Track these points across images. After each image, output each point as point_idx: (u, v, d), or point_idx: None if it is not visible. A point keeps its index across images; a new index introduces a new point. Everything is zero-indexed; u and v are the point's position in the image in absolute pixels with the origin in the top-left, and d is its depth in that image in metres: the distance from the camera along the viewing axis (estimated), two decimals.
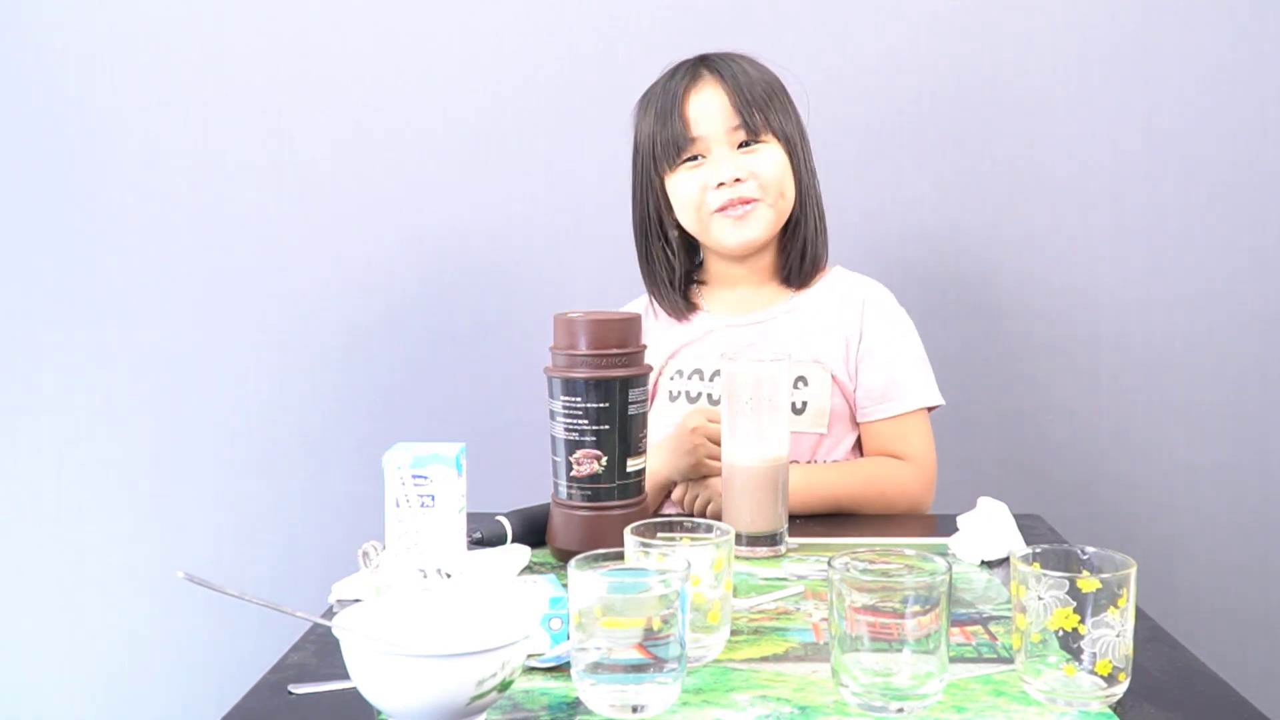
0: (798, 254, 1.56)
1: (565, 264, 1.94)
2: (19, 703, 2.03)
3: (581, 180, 1.94)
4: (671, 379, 1.56)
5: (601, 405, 1.22)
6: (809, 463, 1.53)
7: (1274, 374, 1.94)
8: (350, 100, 1.94)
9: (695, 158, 1.51)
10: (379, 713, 0.89)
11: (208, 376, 1.98)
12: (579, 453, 1.23)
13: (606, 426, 1.23)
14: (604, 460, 1.23)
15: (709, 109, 1.50)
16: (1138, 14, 1.89)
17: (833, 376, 1.52)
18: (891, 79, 1.90)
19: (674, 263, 1.59)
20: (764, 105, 1.50)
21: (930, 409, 1.57)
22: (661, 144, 1.51)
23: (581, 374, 1.22)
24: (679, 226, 1.57)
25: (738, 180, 1.49)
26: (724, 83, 1.50)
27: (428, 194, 1.95)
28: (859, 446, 1.57)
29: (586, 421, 1.23)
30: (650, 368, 1.29)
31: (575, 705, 0.90)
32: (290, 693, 0.94)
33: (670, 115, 1.50)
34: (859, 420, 1.55)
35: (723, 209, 1.50)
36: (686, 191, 1.51)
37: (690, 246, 1.62)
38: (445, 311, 1.96)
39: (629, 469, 1.25)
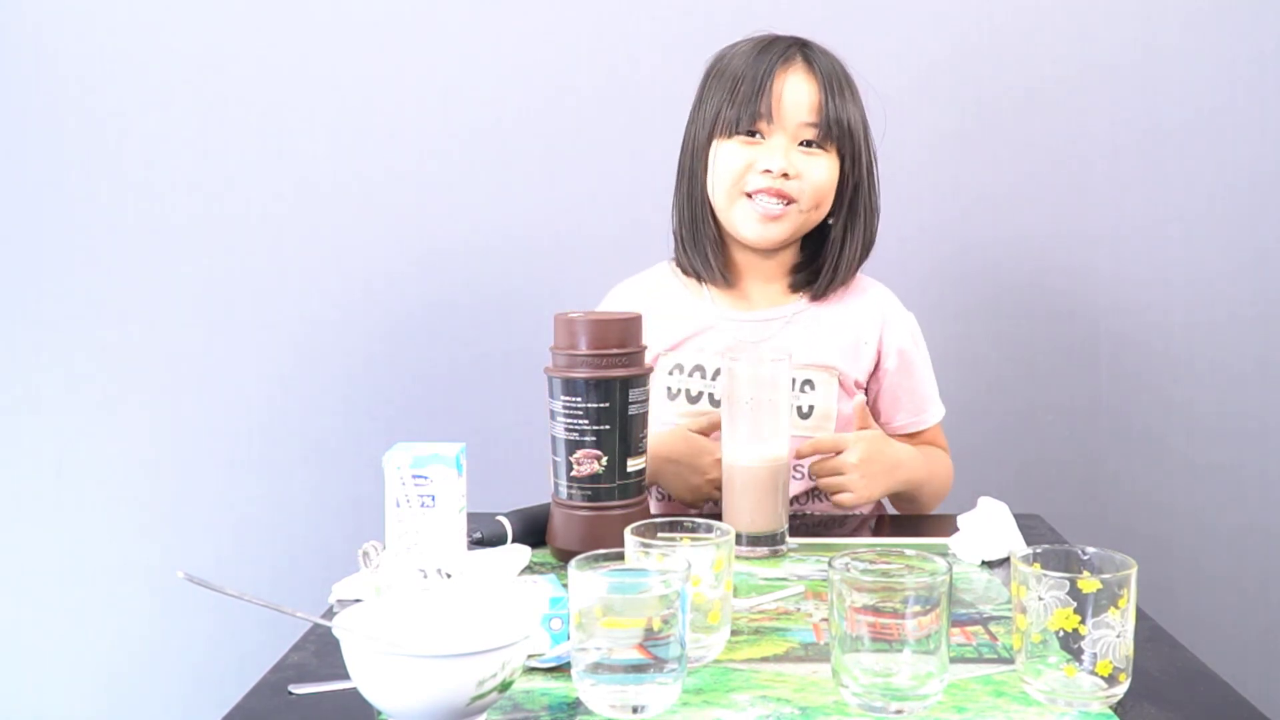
0: (830, 266, 1.53)
1: (565, 264, 1.94)
2: (19, 703, 2.03)
3: (582, 181, 1.94)
4: (671, 374, 1.53)
5: (602, 405, 1.22)
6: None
7: (1274, 374, 1.94)
8: (352, 102, 1.94)
9: (755, 134, 1.47)
10: (379, 713, 0.89)
11: (208, 377, 1.98)
12: (579, 453, 1.23)
13: (607, 426, 1.23)
14: (604, 460, 1.23)
15: (796, 94, 1.45)
16: (1138, 14, 1.90)
17: (840, 382, 1.51)
18: (891, 80, 1.90)
19: (703, 230, 1.54)
20: (842, 107, 1.47)
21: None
22: (735, 107, 1.46)
23: (582, 374, 1.22)
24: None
25: (785, 175, 1.45)
26: (818, 77, 1.46)
27: (428, 194, 1.95)
28: None
29: (587, 421, 1.23)
30: (651, 368, 1.29)
31: (575, 705, 0.90)
32: (290, 693, 0.94)
33: (756, 83, 1.45)
34: (890, 433, 1.54)
35: (757, 193, 1.46)
36: (731, 162, 1.47)
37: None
38: (445, 311, 1.96)
39: (629, 469, 1.25)
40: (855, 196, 1.52)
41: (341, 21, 1.93)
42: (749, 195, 1.47)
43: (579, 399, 1.22)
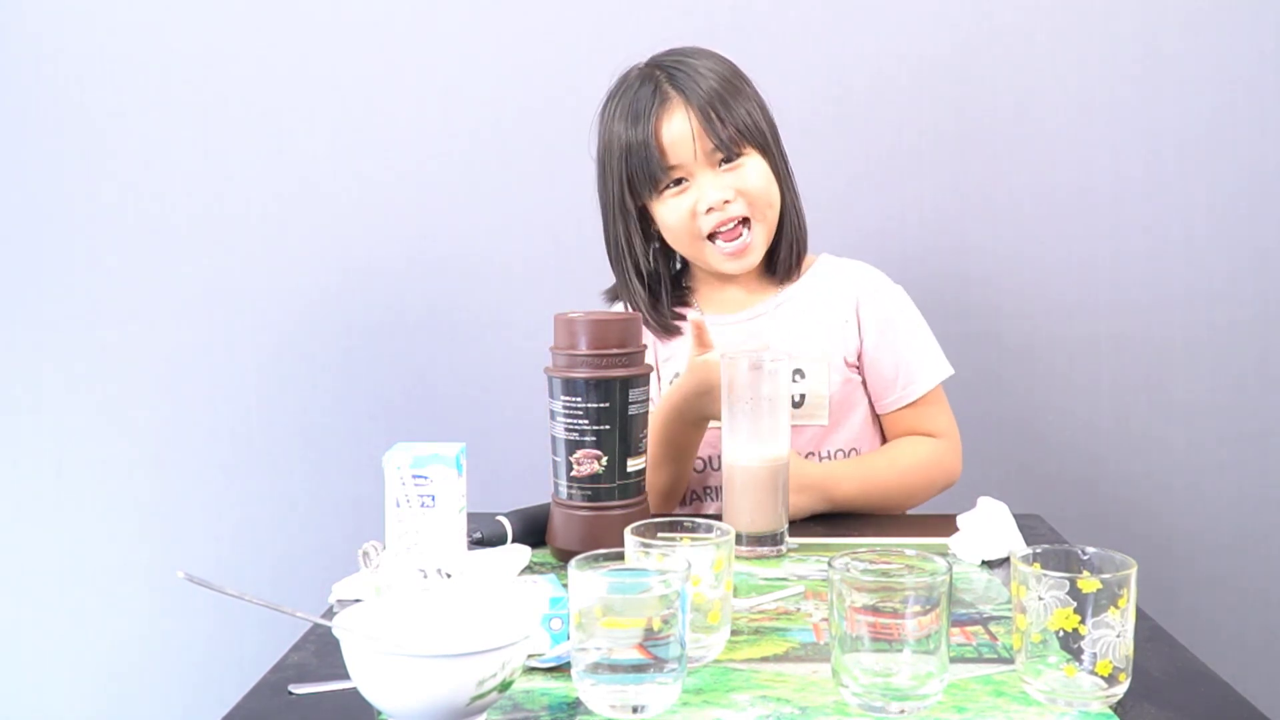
0: (785, 247, 1.54)
1: (565, 264, 1.94)
2: (19, 703, 2.03)
3: (581, 180, 1.93)
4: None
5: (602, 405, 1.22)
6: (830, 456, 1.53)
7: (1274, 374, 1.94)
8: (350, 101, 1.94)
9: (679, 181, 1.47)
10: (379, 713, 0.89)
11: (208, 376, 1.98)
12: (579, 453, 1.23)
13: (607, 426, 1.23)
14: (604, 460, 1.23)
15: (681, 134, 1.44)
16: (1138, 14, 1.90)
17: (829, 366, 1.52)
18: (888, 80, 1.90)
19: (655, 285, 1.55)
20: (732, 115, 1.45)
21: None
22: (640, 175, 1.47)
23: (582, 374, 1.22)
24: (661, 244, 1.55)
25: (726, 202, 1.46)
26: (689, 102, 1.44)
27: (428, 194, 1.95)
28: (877, 436, 1.57)
29: (587, 421, 1.23)
30: (651, 368, 1.29)
31: (575, 705, 0.90)
32: (290, 693, 0.94)
33: (644, 144, 1.45)
34: (879, 412, 1.55)
35: (715, 233, 1.47)
36: (676, 218, 1.48)
37: (669, 252, 1.58)
38: (445, 311, 1.96)
39: (629, 469, 1.25)
40: (782, 182, 1.51)
41: (341, 22, 1.93)
42: (710, 238, 1.48)
43: (579, 399, 1.22)
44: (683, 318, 1.56)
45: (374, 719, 0.89)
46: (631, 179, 1.48)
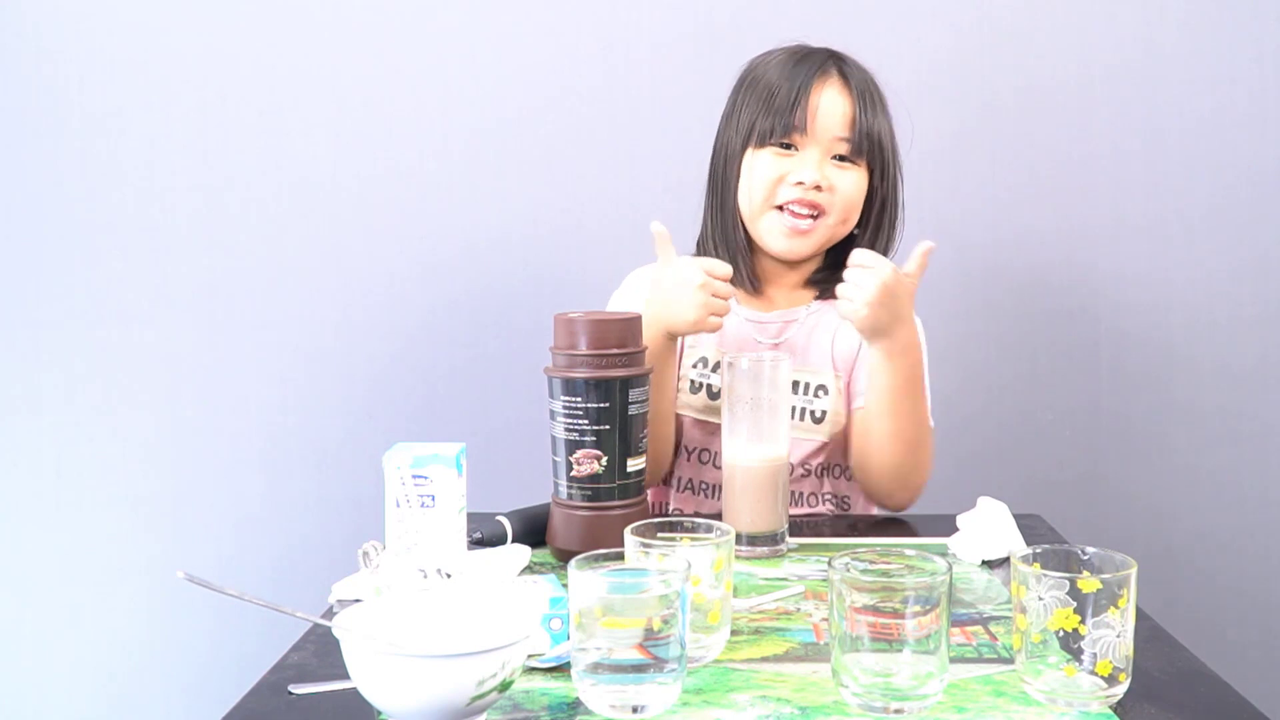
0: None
1: (565, 264, 1.94)
2: (19, 703, 2.03)
3: (582, 180, 1.94)
4: (695, 366, 1.53)
5: (602, 405, 1.22)
6: (824, 471, 1.52)
7: (1274, 374, 1.94)
8: (352, 102, 1.94)
9: (789, 146, 1.48)
10: (379, 713, 0.89)
11: (208, 377, 1.98)
12: (579, 453, 1.23)
13: (607, 426, 1.23)
14: (604, 460, 1.23)
15: (830, 108, 1.46)
16: (1138, 14, 1.90)
17: (849, 384, 1.52)
18: (887, 81, 1.90)
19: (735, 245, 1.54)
20: (875, 130, 1.48)
21: None
22: (769, 117, 1.46)
23: (582, 374, 1.22)
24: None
25: (818, 187, 1.46)
26: (852, 92, 1.47)
27: (429, 195, 1.95)
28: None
29: (587, 421, 1.23)
30: (651, 368, 1.29)
31: (575, 705, 0.90)
32: (290, 693, 0.94)
33: (791, 96, 1.45)
34: (854, 407, 1.51)
35: (788, 204, 1.47)
36: (764, 173, 1.47)
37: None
38: (445, 312, 1.96)
39: (629, 469, 1.25)
40: (881, 210, 1.52)
41: (341, 22, 1.93)
42: (779, 208, 1.48)
43: (579, 399, 1.22)
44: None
45: (374, 719, 0.89)
46: (757, 117, 1.48)
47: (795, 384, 1.51)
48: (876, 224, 1.52)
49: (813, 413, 1.50)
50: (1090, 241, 1.93)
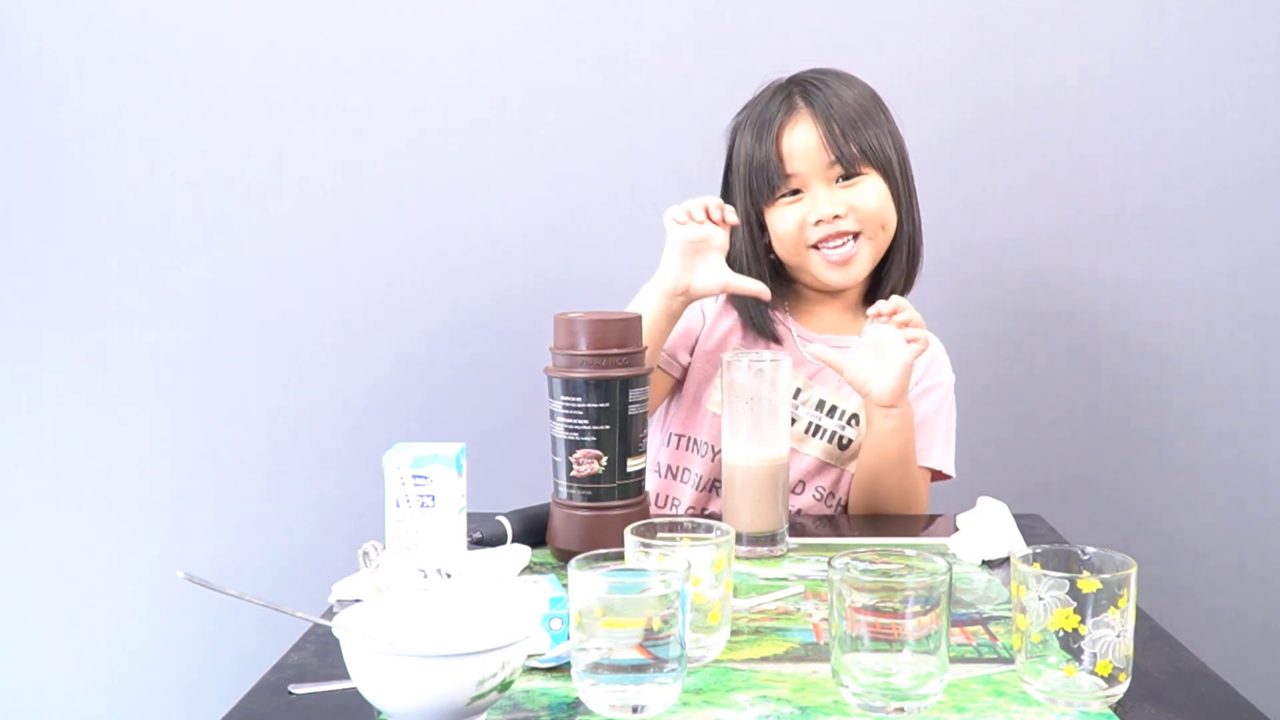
0: (896, 274, 1.54)
1: (565, 264, 1.94)
2: (19, 703, 2.03)
3: (581, 180, 1.94)
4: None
5: (602, 405, 1.22)
6: (838, 500, 1.54)
7: (1274, 374, 1.94)
8: (351, 102, 1.94)
9: (796, 191, 1.48)
10: (379, 713, 0.89)
11: (208, 377, 1.98)
12: (579, 453, 1.23)
13: (607, 426, 1.23)
14: (604, 460, 1.23)
15: (803, 145, 1.47)
16: (1138, 14, 1.90)
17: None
18: (888, 80, 1.90)
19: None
20: (858, 136, 1.46)
21: (936, 477, 1.55)
22: (758, 179, 1.49)
23: (582, 374, 1.22)
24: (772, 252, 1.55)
25: (837, 216, 1.46)
26: (816, 116, 1.47)
27: (428, 194, 1.95)
28: None
29: (587, 421, 1.23)
30: (650, 368, 1.29)
31: (575, 705, 0.90)
32: (290, 693, 0.94)
33: (766, 151, 1.47)
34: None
35: (822, 243, 1.48)
36: (786, 226, 1.49)
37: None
38: (445, 312, 1.96)
39: (629, 469, 1.25)
40: (901, 209, 1.52)
41: (341, 23, 1.93)
42: (814, 247, 1.49)
43: (579, 399, 1.22)
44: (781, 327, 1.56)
45: (374, 719, 0.89)
46: (752, 186, 1.50)
47: (831, 408, 1.53)
48: (902, 223, 1.52)
49: (841, 439, 1.52)
50: (1090, 242, 1.93)
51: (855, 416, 1.52)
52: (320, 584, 1.19)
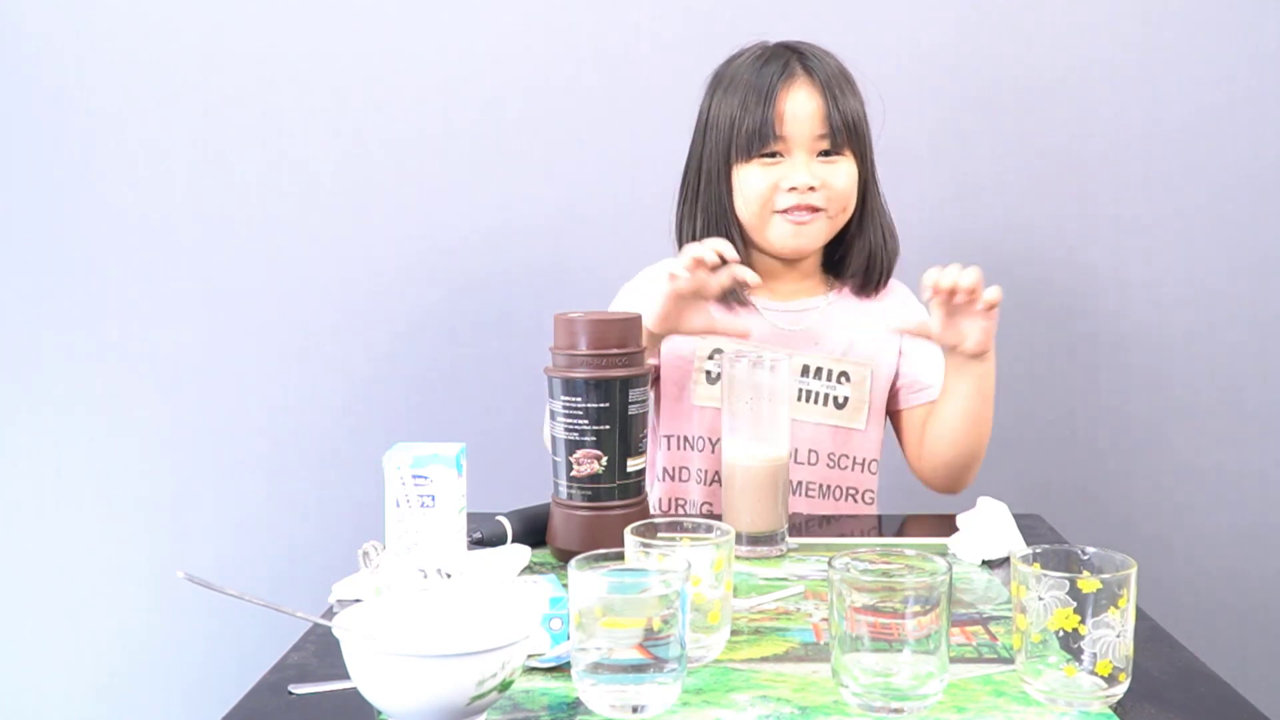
0: (860, 257, 1.55)
1: (565, 264, 1.94)
2: (19, 703, 2.03)
3: (581, 180, 1.94)
4: (711, 357, 1.54)
5: (602, 405, 1.22)
6: (861, 465, 1.55)
7: (1274, 374, 1.94)
8: (351, 103, 1.94)
9: (774, 154, 1.49)
10: (379, 713, 0.89)
11: (208, 377, 1.98)
12: (579, 453, 1.23)
13: (607, 426, 1.23)
14: (604, 460, 1.23)
15: (802, 111, 1.47)
16: (1138, 14, 1.90)
17: (873, 374, 1.54)
18: (892, 79, 1.90)
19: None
20: (849, 117, 1.49)
21: None
22: (745, 133, 1.48)
23: (582, 374, 1.22)
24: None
25: (811, 189, 1.48)
26: (820, 88, 1.48)
27: (428, 195, 1.95)
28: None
29: (587, 421, 1.23)
30: (651, 368, 1.29)
31: (575, 705, 0.90)
32: (290, 693, 0.94)
33: (761, 107, 1.47)
34: (901, 407, 1.58)
35: (786, 211, 1.49)
36: (756, 185, 1.49)
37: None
38: (445, 312, 1.96)
39: (629, 469, 1.25)
40: (864, 195, 1.54)
41: (341, 23, 1.93)
42: (779, 212, 1.49)
43: (579, 399, 1.22)
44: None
45: (374, 719, 0.89)
46: (735, 134, 1.49)
47: (817, 370, 1.54)
48: (866, 206, 1.54)
49: (835, 399, 1.53)
50: (1090, 241, 1.93)
51: (844, 374, 1.53)
52: (320, 584, 1.19)
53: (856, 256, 1.56)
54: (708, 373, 1.54)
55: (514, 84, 1.93)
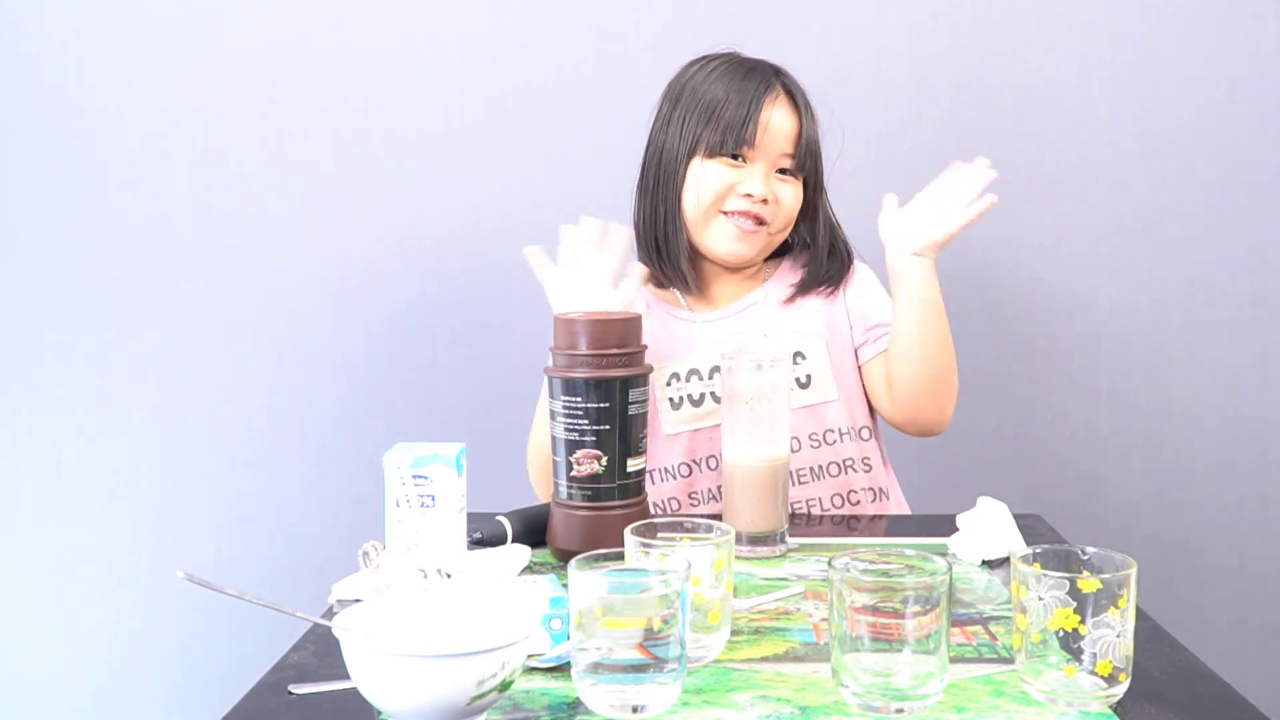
0: (820, 274, 1.57)
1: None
2: (19, 703, 2.03)
3: (581, 180, 1.94)
4: (669, 384, 1.54)
5: (602, 405, 1.22)
6: (848, 435, 1.55)
7: (1274, 374, 1.94)
8: (350, 102, 1.94)
9: (738, 157, 1.50)
10: (379, 713, 0.89)
11: (208, 376, 1.98)
12: (579, 453, 1.23)
13: (607, 426, 1.23)
14: (604, 460, 1.23)
15: (779, 127, 1.50)
16: (1136, 13, 1.90)
17: (827, 342, 1.54)
18: (889, 79, 1.90)
19: (667, 244, 1.56)
20: (815, 146, 1.53)
21: None
22: (722, 129, 1.49)
23: (581, 374, 1.22)
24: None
25: (764, 201, 1.50)
26: (797, 113, 1.51)
27: (428, 194, 1.95)
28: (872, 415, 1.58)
29: (587, 421, 1.23)
30: (651, 367, 1.29)
31: (575, 705, 0.90)
32: (290, 693, 0.94)
33: (744, 109, 1.48)
34: (861, 361, 1.57)
35: (735, 214, 1.50)
36: (713, 183, 1.50)
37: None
38: (445, 312, 1.96)
39: (629, 469, 1.25)
40: (814, 219, 1.57)
41: (342, 23, 1.93)
42: (725, 214, 1.51)
43: (579, 399, 1.22)
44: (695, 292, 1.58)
45: (374, 719, 0.89)
46: (703, 129, 1.50)
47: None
48: (810, 233, 1.57)
49: (798, 379, 1.53)
50: (1090, 242, 1.93)
51: (799, 353, 1.53)
52: (320, 584, 1.19)
53: (816, 271, 1.57)
54: (670, 400, 1.54)
55: (514, 83, 1.93)
